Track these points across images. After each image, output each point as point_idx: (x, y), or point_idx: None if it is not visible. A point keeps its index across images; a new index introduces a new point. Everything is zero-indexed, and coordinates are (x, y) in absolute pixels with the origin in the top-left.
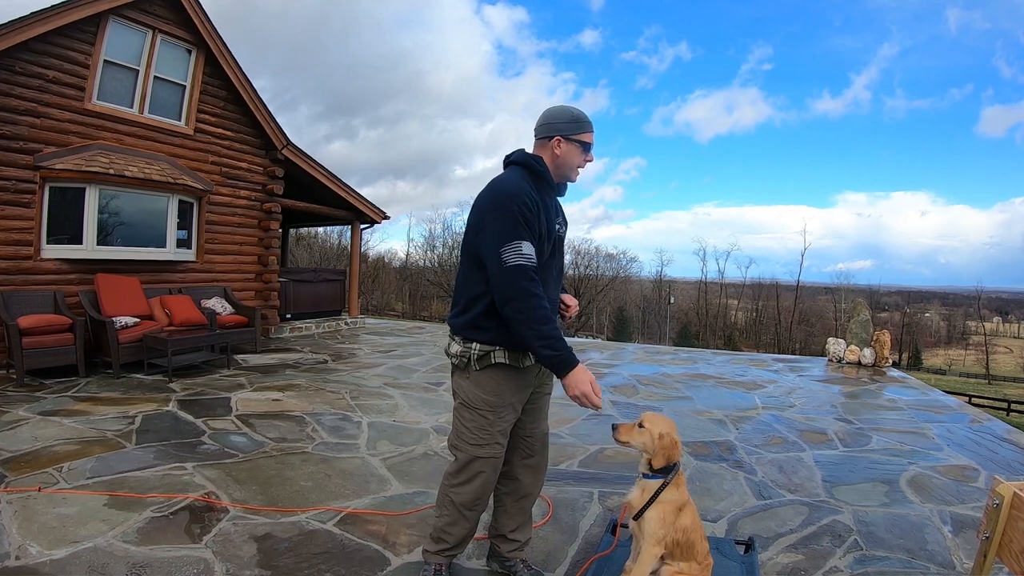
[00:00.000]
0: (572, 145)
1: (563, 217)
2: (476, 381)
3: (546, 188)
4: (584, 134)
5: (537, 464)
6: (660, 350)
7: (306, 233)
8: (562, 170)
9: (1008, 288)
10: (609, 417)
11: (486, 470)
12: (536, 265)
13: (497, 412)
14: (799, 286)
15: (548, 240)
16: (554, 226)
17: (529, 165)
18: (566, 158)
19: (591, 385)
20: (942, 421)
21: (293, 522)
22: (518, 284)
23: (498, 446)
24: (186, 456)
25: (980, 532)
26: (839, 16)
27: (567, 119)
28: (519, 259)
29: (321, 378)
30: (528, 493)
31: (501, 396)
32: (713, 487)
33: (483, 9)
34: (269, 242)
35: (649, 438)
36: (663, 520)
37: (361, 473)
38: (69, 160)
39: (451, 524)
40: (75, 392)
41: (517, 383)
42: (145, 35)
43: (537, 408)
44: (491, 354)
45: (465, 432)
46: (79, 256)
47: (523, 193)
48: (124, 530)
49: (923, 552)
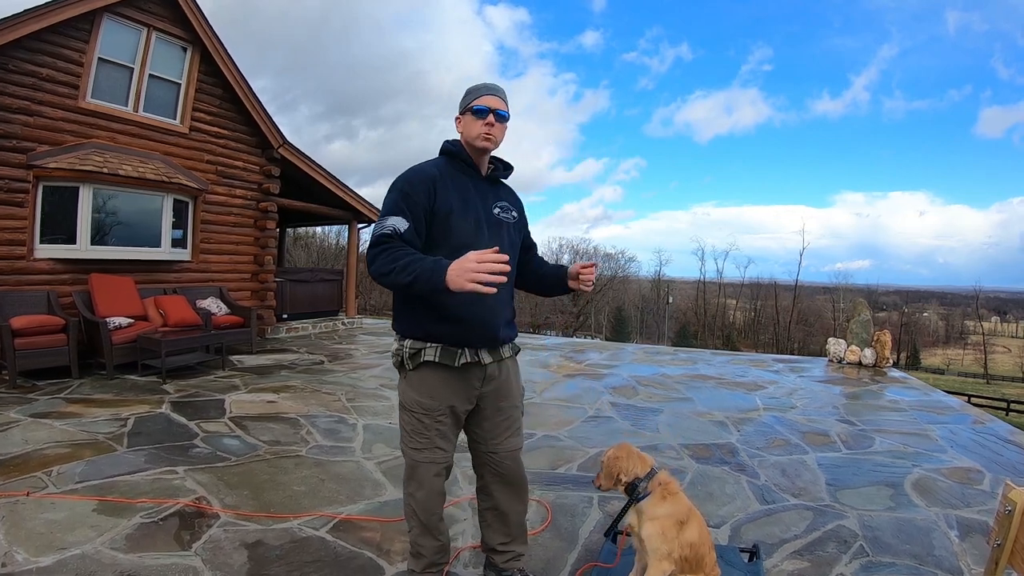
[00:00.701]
0: (468, 116)
1: (510, 203)
2: (410, 381)
3: (467, 169)
4: (474, 100)
5: (511, 483)
6: (660, 350)
7: (304, 233)
8: (471, 144)
9: (1006, 288)
10: (610, 422)
11: (428, 476)
12: (394, 232)
13: (433, 415)
14: (797, 286)
15: (471, 220)
16: (489, 209)
17: (445, 149)
18: (467, 131)
19: (474, 263)
20: (945, 422)
21: (285, 528)
22: (371, 252)
23: (439, 451)
24: (178, 460)
25: (991, 539)
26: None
27: (463, 96)
28: (378, 230)
29: (317, 379)
30: (508, 511)
31: (435, 398)
32: (715, 491)
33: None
34: (265, 242)
35: (604, 468)
36: (664, 535)
37: (355, 477)
38: (63, 159)
39: (419, 535)
40: (68, 394)
41: (454, 385)
42: (140, 33)
43: (495, 422)
44: (422, 352)
45: (404, 435)
46: (73, 256)
47: (413, 173)
48: (112, 536)
49: (930, 558)
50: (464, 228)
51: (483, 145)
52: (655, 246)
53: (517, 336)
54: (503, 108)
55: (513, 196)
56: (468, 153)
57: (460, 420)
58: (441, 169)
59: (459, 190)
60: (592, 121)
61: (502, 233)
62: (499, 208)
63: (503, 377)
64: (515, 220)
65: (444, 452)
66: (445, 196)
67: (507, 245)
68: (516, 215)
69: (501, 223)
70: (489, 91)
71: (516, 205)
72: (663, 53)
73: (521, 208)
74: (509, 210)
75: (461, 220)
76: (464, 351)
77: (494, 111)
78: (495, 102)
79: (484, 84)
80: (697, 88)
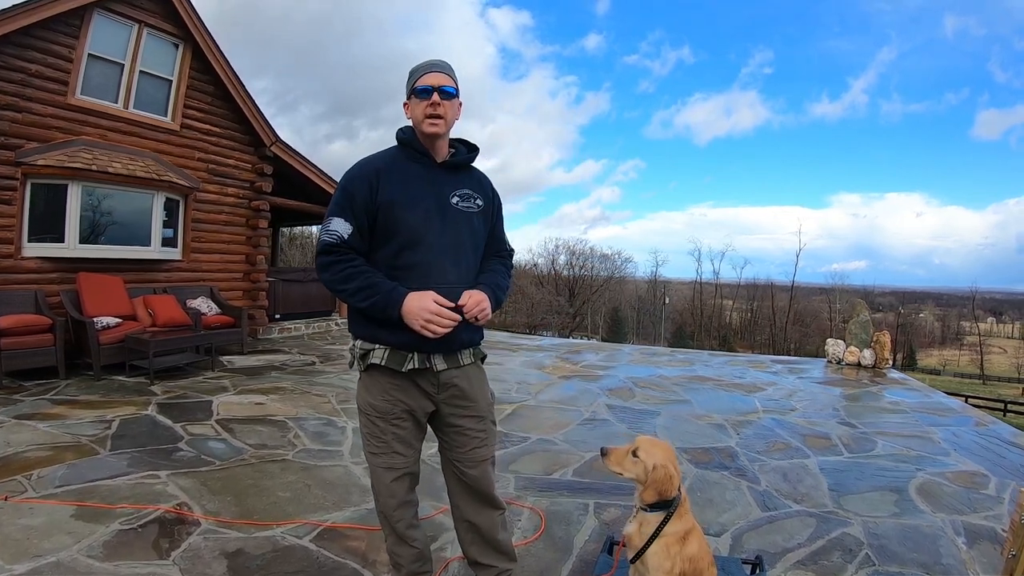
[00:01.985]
0: (412, 100)
1: (474, 191)
2: (364, 383)
3: (419, 157)
4: (416, 80)
5: (475, 494)
6: (657, 351)
7: (300, 232)
8: (420, 128)
9: (1002, 289)
10: (606, 425)
11: (386, 482)
12: (338, 240)
13: (388, 418)
14: (794, 286)
15: (419, 212)
16: (445, 199)
17: (397, 137)
18: (413, 115)
19: (433, 304)
20: (947, 424)
21: (267, 537)
22: (319, 260)
23: (397, 456)
24: (161, 463)
25: (1006, 549)
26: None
27: (406, 80)
28: (323, 236)
29: (307, 380)
30: (477, 523)
31: (391, 401)
32: (715, 497)
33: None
34: (257, 241)
35: (643, 470)
36: (668, 553)
37: (343, 483)
38: (51, 156)
39: (394, 544)
40: (53, 395)
41: (407, 389)
42: (131, 28)
43: (459, 431)
44: (371, 353)
45: (363, 440)
46: (61, 255)
47: (357, 167)
48: (90, 543)
49: (938, 566)
50: (410, 221)
51: (431, 131)
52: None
53: (482, 340)
54: (449, 84)
55: (479, 181)
56: (420, 140)
57: (422, 424)
58: (389, 160)
59: (406, 181)
60: (592, 123)
61: (460, 224)
62: (459, 197)
63: (463, 386)
64: (479, 209)
65: (403, 457)
66: (388, 188)
67: (467, 236)
68: (481, 203)
69: (460, 213)
70: (431, 68)
71: (482, 191)
72: (664, 56)
73: (489, 194)
74: (472, 198)
75: (406, 212)
76: (413, 356)
77: (438, 88)
78: (438, 79)
79: (426, 61)
80: (697, 91)
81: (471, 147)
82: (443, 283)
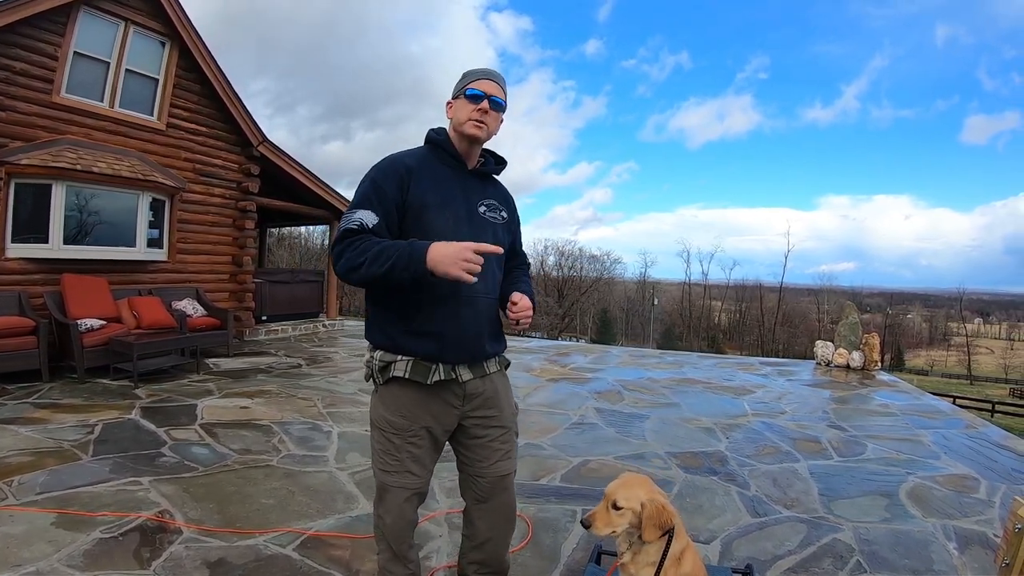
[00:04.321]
0: (460, 100)
1: (499, 202)
2: (381, 397)
3: (450, 161)
4: (469, 83)
5: (493, 509)
6: (646, 353)
7: (288, 233)
8: (460, 130)
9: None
10: (594, 429)
11: (397, 501)
12: (361, 227)
13: (404, 436)
14: (782, 288)
15: (448, 217)
16: (473, 207)
17: (429, 137)
18: (457, 115)
19: (463, 251)
20: (937, 427)
21: (250, 545)
22: (336, 248)
23: (411, 475)
24: (143, 470)
25: (999, 558)
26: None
27: (459, 80)
28: (345, 223)
29: (293, 383)
30: (486, 539)
31: (409, 417)
32: (704, 503)
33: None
34: (244, 241)
35: (632, 515)
36: (663, 573)
37: (327, 489)
38: (35, 155)
39: (388, 560)
40: (36, 398)
41: (429, 404)
42: (117, 27)
43: (482, 444)
44: (392, 365)
45: (375, 455)
46: (45, 256)
47: (387, 163)
48: (70, 552)
49: (930, 572)
50: (440, 225)
51: (473, 132)
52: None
53: (505, 349)
54: (500, 96)
55: (504, 194)
56: (454, 143)
57: (439, 443)
58: (420, 159)
59: (437, 183)
60: (588, 126)
61: (486, 233)
62: (485, 206)
63: (489, 394)
64: (503, 221)
65: (416, 477)
66: (419, 189)
67: (493, 242)
68: (505, 215)
69: (486, 223)
70: (487, 75)
71: (506, 204)
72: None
73: (512, 208)
74: (497, 209)
75: (437, 216)
76: (438, 367)
77: (490, 97)
78: (492, 88)
79: (482, 68)
80: (692, 95)
81: (499, 159)
82: (471, 292)
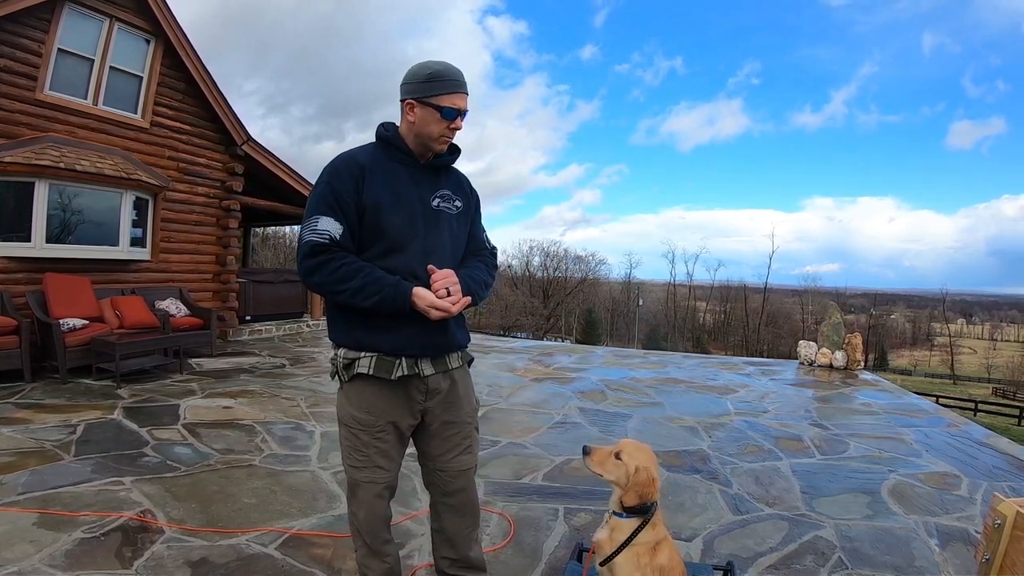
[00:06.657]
0: (427, 110)
1: (453, 191)
2: (346, 394)
3: (401, 157)
4: (441, 96)
5: (459, 504)
6: (630, 353)
7: (272, 233)
8: (422, 139)
9: (972, 290)
10: (577, 428)
11: (368, 496)
12: (330, 241)
13: (371, 432)
14: (767, 288)
15: (403, 214)
16: (427, 201)
17: (379, 135)
18: (421, 126)
19: (439, 303)
20: (919, 426)
21: (232, 545)
22: (307, 263)
23: (380, 470)
24: (125, 469)
25: (979, 554)
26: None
27: (422, 78)
28: (310, 235)
29: (277, 384)
30: (455, 535)
31: (374, 413)
32: (686, 501)
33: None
34: (228, 241)
35: (624, 472)
36: (637, 563)
37: (310, 489)
38: (18, 153)
39: (365, 556)
40: (18, 399)
41: (394, 400)
42: (101, 23)
43: (443, 439)
44: (356, 362)
45: (344, 452)
46: (27, 254)
47: (340, 161)
48: (52, 552)
49: (911, 569)
50: (396, 223)
51: (441, 149)
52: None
53: (469, 343)
54: (467, 105)
55: (457, 181)
56: (406, 141)
57: (404, 437)
58: (371, 157)
59: (390, 181)
60: (580, 129)
61: (441, 226)
62: (439, 198)
63: (450, 389)
64: (458, 210)
65: (385, 471)
66: (373, 188)
67: (448, 238)
68: (460, 204)
69: (440, 214)
70: (460, 88)
71: (461, 193)
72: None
73: (467, 194)
74: (451, 199)
75: (390, 214)
76: (401, 362)
77: (462, 113)
78: (465, 101)
79: (452, 75)
80: (684, 99)
81: (452, 148)
82: (427, 286)
